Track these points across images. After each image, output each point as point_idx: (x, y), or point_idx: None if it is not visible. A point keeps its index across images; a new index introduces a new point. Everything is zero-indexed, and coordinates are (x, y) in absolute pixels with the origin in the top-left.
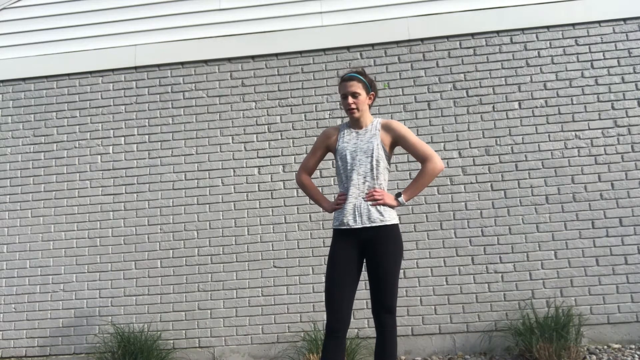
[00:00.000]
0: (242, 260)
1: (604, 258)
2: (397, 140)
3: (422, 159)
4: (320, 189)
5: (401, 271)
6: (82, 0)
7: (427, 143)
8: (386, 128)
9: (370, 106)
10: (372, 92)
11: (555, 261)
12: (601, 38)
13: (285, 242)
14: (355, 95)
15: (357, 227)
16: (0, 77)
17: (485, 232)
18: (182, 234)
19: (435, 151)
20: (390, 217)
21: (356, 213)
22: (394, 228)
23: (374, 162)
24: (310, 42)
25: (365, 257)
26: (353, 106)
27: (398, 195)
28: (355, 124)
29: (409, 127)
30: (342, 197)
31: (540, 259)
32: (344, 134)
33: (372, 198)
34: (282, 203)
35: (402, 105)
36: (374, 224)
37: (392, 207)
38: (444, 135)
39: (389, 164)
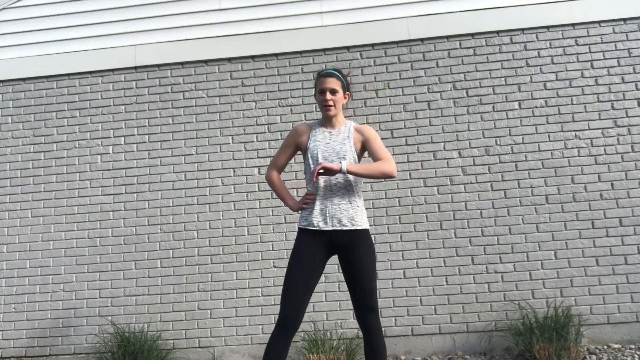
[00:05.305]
0: (242, 260)
1: (604, 258)
2: (365, 143)
3: (378, 160)
4: (296, 191)
5: (401, 271)
6: (82, 0)
7: (427, 143)
8: (359, 131)
9: (344, 107)
10: (348, 92)
11: (555, 261)
12: (601, 38)
13: (285, 242)
14: (333, 92)
15: (327, 229)
16: (0, 77)
17: (485, 232)
18: (182, 234)
19: (435, 151)
20: (361, 221)
21: (327, 215)
22: (365, 233)
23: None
24: (310, 42)
25: (340, 262)
26: (330, 103)
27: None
28: (328, 123)
29: (408, 127)
30: (311, 197)
31: (540, 259)
32: (316, 132)
33: (315, 171)
34: (282, 203)
35: (402, 105)
36: (344, 228)
37: (333, 170)
38: (444, 135)
39: None
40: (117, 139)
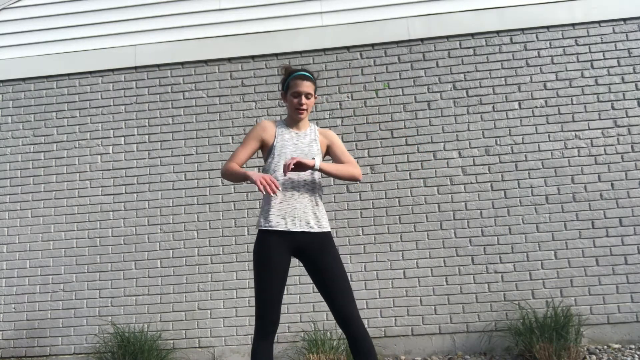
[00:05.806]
0: (242, 260)
1: (604, 258)
2: (330, 146)
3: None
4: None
5: (401, 271)
6: (82, 0)
7: (427, 143)
8: (324, 135)
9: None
10: (316, 96)
11: (555, 261)
12: (601, 38)
13: None
14: (308, 96)
15: (295, 230)
16: (0, 77)
17: (485, 232)
18: (182, 234)
19: (435, 151)
20: (326, 224)
21: (295, 216)
22: (330, 235)
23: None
24: (310, 42)
25: (307, 266)
26: (305, 107)
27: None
28: (294, 124)
29: (408, 127)
30: (277, 184)
31: (540, 259)
32: (282, 132)
33: (289, 164)
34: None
35: (402, 105)
36: (311, 230)
37: (307, 166)
38: (444, 135)
39: None
40: (117, 139)
